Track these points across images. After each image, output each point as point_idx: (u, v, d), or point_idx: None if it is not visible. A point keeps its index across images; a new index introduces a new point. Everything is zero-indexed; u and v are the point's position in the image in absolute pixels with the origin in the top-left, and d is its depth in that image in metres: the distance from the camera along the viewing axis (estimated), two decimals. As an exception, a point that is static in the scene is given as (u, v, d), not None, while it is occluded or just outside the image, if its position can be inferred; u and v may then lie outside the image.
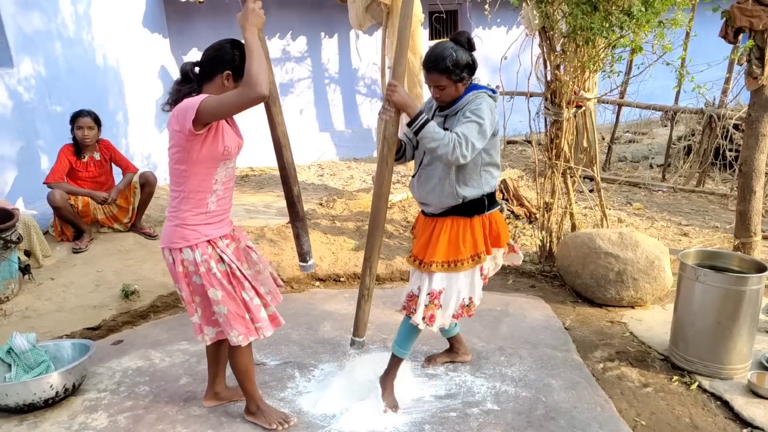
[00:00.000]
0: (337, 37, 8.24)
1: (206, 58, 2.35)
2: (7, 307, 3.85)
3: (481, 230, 2.70)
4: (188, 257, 2.41)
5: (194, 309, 2.51)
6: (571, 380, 3.02)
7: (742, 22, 3.65)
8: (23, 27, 4.91)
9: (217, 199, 2.44)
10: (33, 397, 2.75)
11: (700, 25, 5.81)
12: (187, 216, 2.40)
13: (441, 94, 2.64)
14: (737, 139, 6.57)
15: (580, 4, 3.53)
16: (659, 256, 3.78)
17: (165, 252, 2.47)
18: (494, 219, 2.76)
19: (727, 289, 2.94)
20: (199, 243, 2.41)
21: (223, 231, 2.51)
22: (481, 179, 2.66)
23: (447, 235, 2.69)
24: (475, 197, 2.67)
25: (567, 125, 4.13)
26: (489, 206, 2.72)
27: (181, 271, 2.43)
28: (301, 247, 2.74)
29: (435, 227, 2.73)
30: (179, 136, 2.27)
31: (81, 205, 4.78)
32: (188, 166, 2.33)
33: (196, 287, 2.45)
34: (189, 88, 2.32)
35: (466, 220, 2.69)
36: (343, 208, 5.68)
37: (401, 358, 2.84)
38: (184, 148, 2.29)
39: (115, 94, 6.06)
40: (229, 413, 2.79)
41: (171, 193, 2.44)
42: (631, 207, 6.02)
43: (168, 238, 2.44)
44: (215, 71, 2.32)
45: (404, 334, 2.82)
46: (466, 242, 2.68)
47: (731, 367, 3.01)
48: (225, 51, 2.32)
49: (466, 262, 2.68)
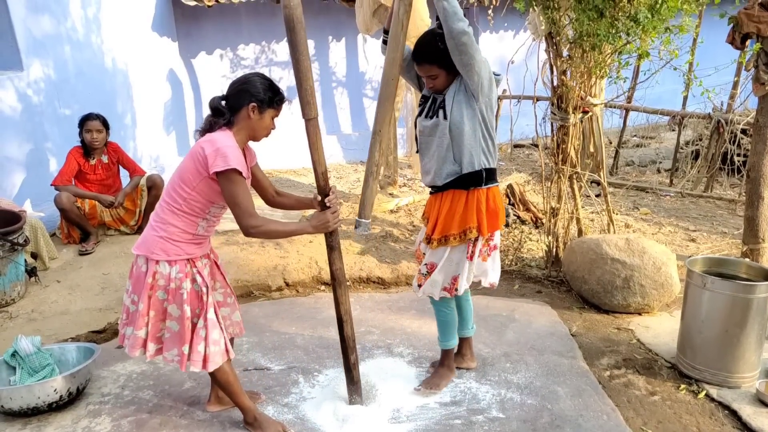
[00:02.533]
0: (345, 41, 8.25)
1: (233, 91, 2.41)
2: (13, 310, 3.87)
3: (475, 205, 2.72)
4: (163, 271, 2.41)
5: (144, 323, 2.45)
6: (577, 388, 3.00)
7: (749, 28, 3.62)
8: (33, 30, 4.94)
9: (207, 225, 2.48)
10: (37, 401, 2.75)
11: (707, 31, 5.78)
12: (174, 232, 2.40)
13: (434, 83, 2.69)
14: (745, 144, 6.52)
15: (587, 11, 3.52)
16: (666, 263, 3.75)
17: (139, 259, 2.45)
18: (492, 194, 2.78)
19: (735, 297, 2.91)
20: (179, 260, 2.41)
21: (204, 251, 2.53)
22: (479, 148, 2.68)
23: (446, 209, 2.76)
24: (473, 168, 2.69)
25: (573, 130, 4.11)
26: (487, 180, 2.74)
27: (149, 283, 2.41)
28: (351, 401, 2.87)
29: (440, 204, 2.79)
30: (196, 168, 2.33)
31: (88, 207, 4.80)
32: (191, 191, 2.37)
33: (156, 302, 2.43)
34: (224, 120, 2.39)
35: (462, 193, 2.73)
36: (350, 211, 5.67)
37: (444, 349, 3.04)
38: (199, 175, 2.34)
39: (123, 97, 6.10)
40: (232, 418, 2.78)
41: (162, 201, 2.44)
42: (639, 212, 5.98)
43: (147, 247, 2.42)
44: (242, 103, 2.38)
45: (438, 326, 3.01)
46: (457, 216, 2.73)
47: (739, 376, 2.98)
48: (251, 84, 2.39)
49: (452, 239, 2.75)
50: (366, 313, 3.91)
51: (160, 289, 2.43)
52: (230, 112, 2.39)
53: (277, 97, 2.43)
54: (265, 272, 4.39)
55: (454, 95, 2.65)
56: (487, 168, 2.72)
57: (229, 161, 2.26)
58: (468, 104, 2.63)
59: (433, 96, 2.77)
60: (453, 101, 2.65)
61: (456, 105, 2.64)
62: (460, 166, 2.69)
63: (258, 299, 4.20)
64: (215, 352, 2.47)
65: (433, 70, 2.63)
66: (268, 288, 4.31)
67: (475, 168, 2.69)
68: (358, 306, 4.02)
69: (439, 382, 3.01)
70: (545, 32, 3.95)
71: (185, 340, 2.44)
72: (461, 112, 2.63)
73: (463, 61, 2.54)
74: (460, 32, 2.47)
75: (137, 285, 2.46)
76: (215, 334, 2.46)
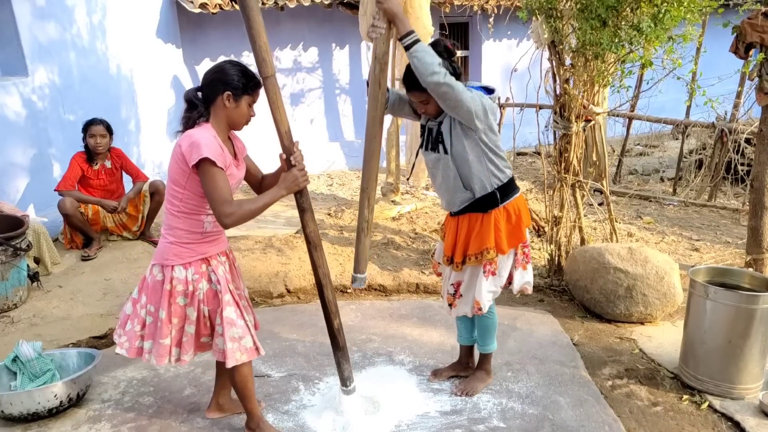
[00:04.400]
0: (348, 48, 8.28)
1: (206, 82, 2.38)
2: (15, 314, 3.87)
3: (492, 225, 2.72)
4: (179, 276, 2.40)
5: (169, 331, 2.45)
6: (578, 398, 2.98)
7: (753, 38, 3.62)
8: (38, 37, 4.98)
9: (212, 220, 2.43)
10: (37, 406, 2.75)
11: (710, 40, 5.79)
12: (182, 234, 2.40)
13: (426, 108, 2.67)
14: (749, 153, 6.51)
15: (590, 20, 3.52)
16: (669, 272, 3.74)
17: (155, 269, 2.45)
18: (513, 208, 2.76)
19: (738, 308, 2.89)
20: (194, 261, 2.41)
21: (219, 248, 2.52)
22: (487, 172, 2.67)
23: (464, 233, 2.78)
24: (485, 192, 2.69)
25: (576, 139, 4.11)
26: (503, 198, 2.73)
27: (167, 290, 2.41)
28: (342, 374, 2.80)
29: (457, 227, 2.82)
30: (180, 166, 2.32)
31: (91, 213, 4.82)
32: (184, 190, 2.36)
33: (177, 309, 2.43)
34: (198, 113, 2.37)
35: (479, 216, 2.74)
36: (352, 218, 5.67)
37: (483, 354, 3.07)
38: (183, 173, 2.33)
39: (127, 103, 6.12)
40: (232, 426, 2.78)
41: (167, 208, 2.44)
42: (642, 221, 5.97)
43: (161, 255, 2.43)
44: (216, 93, 2.35)
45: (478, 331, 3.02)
46: (479, 237, 2.74)
47: (743, 387, 2.96)
48: (224, 72, 2.35)
49: (469, 259, 2.77)
50: (367, 321, 3.90)
51: (179, 295, 2.42)
52: (206, 102, 2.37)
53: (252, 83, 2.38)
54: (267, 279, 4.38)
55: (451, 128, 2.63)
56: (500, 186, 2.71)
57: (201, 151, 2.23)
58: (466, 134, 2.61)
59: (429, 127, 2.75)
60: (451, 134, 2.63)
61: (455, 137, 2.63)
62: (473, 192, 2.70)
63: (259, 306, 4.20)
64: (233, 349, 2.45)
65: (423, 96, 2.60)
66: (269, 295, 4.31)
67: (487, 191, 2.69)
68: (359, 313, 4.01)
69: (477, 385, 3.02)
70: (548, 41, 3.95)
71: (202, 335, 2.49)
72: (461, 143, 2.62)
73: (449, 106, 2.53)
74: (436, 85, 2.45)
75: (154, 295, 2.45)
76: (232, 331, 2.44)
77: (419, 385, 3.11)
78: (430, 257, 4.77)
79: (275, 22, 7.53)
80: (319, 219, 5.59)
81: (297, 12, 7.46)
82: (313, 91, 8.18)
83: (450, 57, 2.62)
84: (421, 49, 2.46)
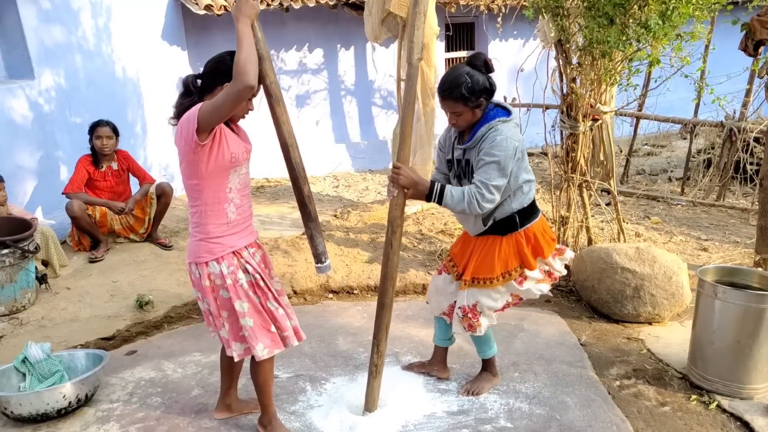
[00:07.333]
0: (354, 50, 8.28)
1: (207, 71, 2.38)
2: (23, 316, 3.89)
3: (514, 247, 2.72)
4: (215, 270, 2.40)
5: (222, 323, 2.46)
6: (586, 398, 2.97)
7: (762, 35, 3.60)
8: (44, 40, 5.00)
9: (235, 207, 2.43)
10: (46, 407, 2.77)
11: (719, 38, 5.74)
12: (210, 229, 2.39)
13: (458, 120, 2.63)
14: (758, 152, 6.46)
15: (597, 18, 3.51)
16: (677, 272, 3.71)
17: (191, 267, 2.46)
18: (533, 233, 2.73)
19: (747, 307, 2.87)
20: (225, 255, 2.40)
21: (248, 240, 2.50)
22: (509, 198, 2.66)
23: (478, 253, 2.77)
24: (505, 216, 2.68)
25: (583, 138, 4.09)
26: (522, 222, 2.71)
27: (208, 286, 2.41)
28: (316, 248, 2.62)
29: (473, 246, 2.81)
30: (187, 149, 2.29)
31: (98, 215, 4.83)
32: (200, 180, 2.34)
33: (224, 302, 2.43)
34: (190, 101, 2.34)
35: (498, 239, 2.73)
36: (358, 220, 5.67)
37: (485, 359, 3.05)
38: (193, 162, 2.30)
39: (133, 105, 6.15)
40: (240, 426, 2.78)
41: (190, 209, 2.45)
42: (650, 221, 5.93)
43: (193, 253, 2.44)
44: (215, 83, 2.34)
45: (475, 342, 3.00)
46: (495, 260, 2.72)
47: (751, 387, 2.94)
48: (224, 63, 2.32)
49: (495, 280, 2.74)
50: (374, 322, 3.89)
51: (221, 289, 2.42)
52: (205, 91, 2.36)
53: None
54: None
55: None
56: (521, 210, 2.69)
57: (191, 114, 2.21)
58: None
59: (456, 159, 2.72)
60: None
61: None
62: (493, 219, 2.70)
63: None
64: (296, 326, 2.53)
65: (458, 107, 2.57)
66: (276, 296, 4.31)
67: (506, 214, 2.68)
68: (366, 314, 4.01)
69: (484, 385, 3.02)
70: (555, 40, 3.94)
71: (267, 326, 2.47)
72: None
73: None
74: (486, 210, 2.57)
75: (202, 292, 2.47)
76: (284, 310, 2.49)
77: (426, 385, 3.10)
78: (437, 258, 4.76)
79: (280, 23, 7.55)
80: (326, 221, 5.59)
81: (302, 13, 7.47)
82: (319, 93, 8.19)
83: (488, 72, 2.59)
84: (449, 200, 2.55)
